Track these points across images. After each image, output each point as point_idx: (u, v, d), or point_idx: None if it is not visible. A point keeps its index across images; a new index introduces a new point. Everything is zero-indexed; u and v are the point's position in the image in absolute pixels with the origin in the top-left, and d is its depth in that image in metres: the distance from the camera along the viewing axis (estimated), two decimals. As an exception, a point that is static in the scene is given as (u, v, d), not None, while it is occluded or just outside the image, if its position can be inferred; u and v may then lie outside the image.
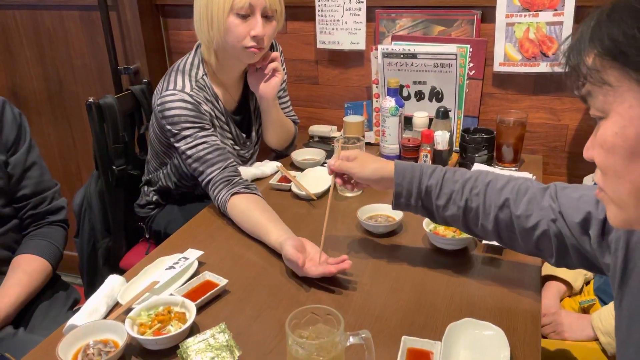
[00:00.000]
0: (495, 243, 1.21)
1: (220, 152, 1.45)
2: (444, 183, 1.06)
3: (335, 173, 1.21)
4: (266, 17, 1.46)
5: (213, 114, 1.55)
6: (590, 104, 0.61)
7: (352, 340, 0.82)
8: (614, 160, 0.59)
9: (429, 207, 1.09)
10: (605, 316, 1.31)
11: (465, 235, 1.24)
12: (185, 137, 1.44)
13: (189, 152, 1.44)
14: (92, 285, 1.78)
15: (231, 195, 1.38)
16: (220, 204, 1.41)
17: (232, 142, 1.64)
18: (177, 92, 1.45)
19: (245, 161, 1.71)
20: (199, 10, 1.45)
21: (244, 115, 1.70)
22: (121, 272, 1.21)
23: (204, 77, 1.53)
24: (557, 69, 1.74)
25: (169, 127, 1.45)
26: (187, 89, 1.47)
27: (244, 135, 1.69)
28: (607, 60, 0.57)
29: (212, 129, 1.50)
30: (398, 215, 1.35)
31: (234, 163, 1.47)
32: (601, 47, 0.57)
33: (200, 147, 1.44)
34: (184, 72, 1.51)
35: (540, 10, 1.70)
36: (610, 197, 0.62)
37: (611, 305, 1.31)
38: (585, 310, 1.45)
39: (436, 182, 1.07)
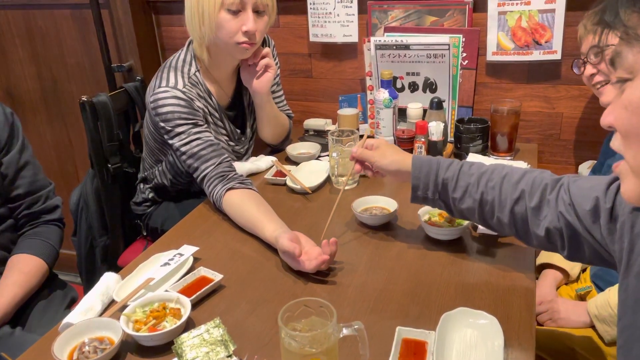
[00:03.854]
0: (490, 232, 1.22)
1: (214, 148, 1.45)
2: (460, 176, 1.07)
3: (357, 160, 1.23)
4: (257, 12, 1.45)
5: (206, 110, 1.54)
6: (617, 65, 0.59)
7: (345, 331, 0.82)
8: (638, 122, 0.58)
9: (446, 200, 1.10)
10: (601, 303, 1.31)
11: (459, 226, 1.24)
12: (179, 134, 1.44)
13: (183, 149, 1.44)
14: (90, 283, 1.76)
15: (226, 191, 1.38)
16: (215, 200, 1.41)
17: (226, 138, 1.63)
18: (170, 89, 1.45)
19: (240, 157, 1.71)
20: (190, 6, 1.44)
21: (238, 110, 1.70)
22: (119, 270, 1.22)
23: (197, 73, 1.52)
24: (551, 57, 1.74)
25: (162, 124, 1.45)
26: (180, 85, 1.46)
27: (239, 130, 1.69)
28: None
29: (206, 125, 1.49)
30: (392, 206, 1.35)
31: (229, 158, 1.47)
32: None
33: (194, 143, 1.44)
34: (176, 68, 1.50)
35: (533, -2, 1.69)
36: (631, 164, 0.61)
37: (607, 292, 1.31)
38: (582, 297, 1.45)
39: (452, 175, 1.07)
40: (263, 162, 1.69)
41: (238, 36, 1.44)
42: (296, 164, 1.69)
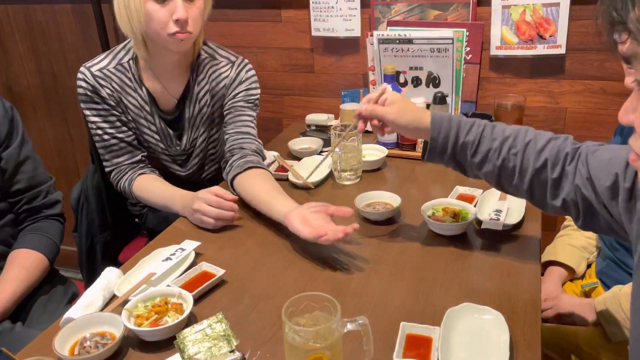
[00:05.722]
0: (494, 227, 1.21)
1: (127, 143, 1.48)
2: (481, 140, 1.02)
3: (363, 117, 1.14)
4: None
5: (135, 102, 1.48)
6: (635, 66, 0.57)
7: (349, 326, 0.81)
8: None
9: (462, 162, 1.06)
10: (612, 305, 1.27)
11: (463, 221, 1.23)
12: (92, 122, 1.47)
13: (97, 138, 1.47)
14: (91, 279, 1.74)
15: (138, 175, 1.45)
16: (124, 187, 1.46)
17: (157, 136, 1.55)
18: (84, 70, 1.45)
19: (179, 165, 1.62)
20: (117, 0, 1.34)
21: (180, 119, 1.57)
22: (120, 265, 1.21)
23: (130, 61, 1.46)
24: (555, 52, 1.73)
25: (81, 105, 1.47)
26: (102, 64, 1.44)
27: (172, 132, 1.56)
28: None
29: (119, 117, 1.47)
30: (396, 202, 1.34)
31: (145, 159, 1.51)
32: None
33: (106, 136, 1.47)
34: (112, 51, 1.48)
35: (537, -8, 1.68)
36: None
37: (618, 292, 1.28)
38: (587, 293, 1.44)
39: (473, 139, 1.03)
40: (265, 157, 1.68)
41: (170, 26, 1.32)
42: (298, 159, 1.68)
